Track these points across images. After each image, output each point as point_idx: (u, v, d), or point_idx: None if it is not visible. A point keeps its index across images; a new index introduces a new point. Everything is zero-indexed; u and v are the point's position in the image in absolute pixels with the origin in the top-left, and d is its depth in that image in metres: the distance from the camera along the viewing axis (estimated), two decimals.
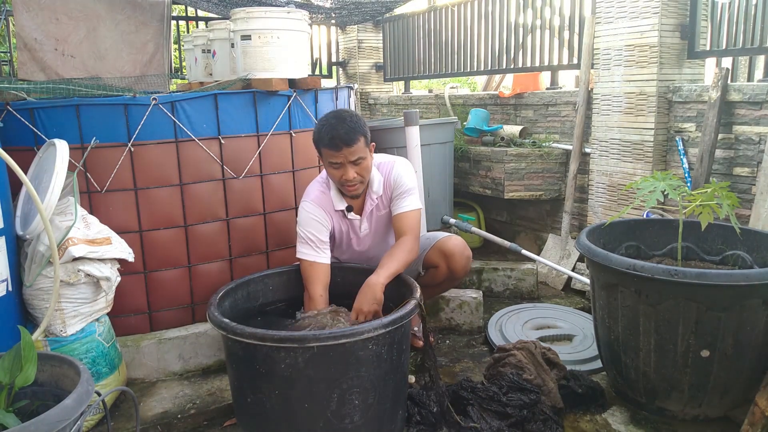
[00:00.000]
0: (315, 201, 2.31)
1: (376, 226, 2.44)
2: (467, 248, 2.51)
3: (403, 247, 2.24)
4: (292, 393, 1.76)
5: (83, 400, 1.38)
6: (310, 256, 2.24)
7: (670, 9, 3.00)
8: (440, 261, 2.48)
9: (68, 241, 2.02)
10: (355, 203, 2.36)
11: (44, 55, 3.57)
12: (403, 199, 2.33)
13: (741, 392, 1.98)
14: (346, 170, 2.18)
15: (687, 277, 1.84)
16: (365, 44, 5.97)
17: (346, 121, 2.16)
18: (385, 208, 2.40)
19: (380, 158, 2.41)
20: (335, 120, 2.16)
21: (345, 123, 2.15)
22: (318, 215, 2.28)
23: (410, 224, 2.31)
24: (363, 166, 2.21)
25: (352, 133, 2.14)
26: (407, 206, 2.32)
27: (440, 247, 2.49)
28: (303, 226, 2.27)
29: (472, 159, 4.03)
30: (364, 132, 2.19)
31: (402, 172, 2.35)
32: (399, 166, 2.37)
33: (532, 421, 1.98)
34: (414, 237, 2.30)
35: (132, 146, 2.38)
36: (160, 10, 3.91)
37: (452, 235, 2.55)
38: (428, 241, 2.55)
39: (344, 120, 2.16)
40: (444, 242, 2.49)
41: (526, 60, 4.27)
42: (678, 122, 3.06)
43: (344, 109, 2.29)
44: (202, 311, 2.58)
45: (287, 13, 2.66)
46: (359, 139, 2.16)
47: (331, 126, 2.15)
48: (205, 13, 5.28)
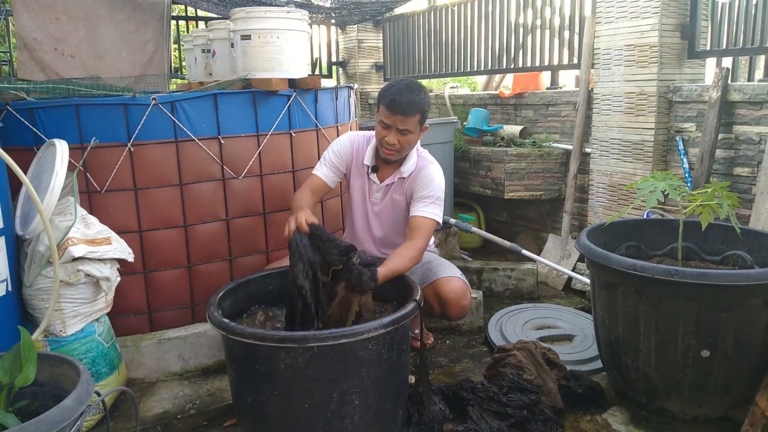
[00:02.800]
0: (351, 139, 2.46)
1: (387, 204, 2.44)
2: (465, 296, 2.36)
3: (410, 252, 2.17)
4: (292, 393, 1.75)
5: (83, 401, 1.38)
6: (317, 170, 2.44)
7: (671, 9, 3.00)
8: (434, 303, 2.38)
9: (68, 241, 2.01)
10: (383, 170, 2.41)
11: (44, 55, 3.57)
12: (426, 204, 2.28)
13: (741, 392, 1.98)
14: (390, 133, 2.24)
15: (687, 277, 1.84)
16: (365, 44, 5.97)
17: (414, 92, 2.21)
18: (401, 196, 2.40)
19: (426, 153, 2.45)
20: (405, 88, 2.22)
21: (411, 93, 2.20)
22: (345, 148, 2.44)
23: (423, 231, 2.25)
24: (407, 138, 2.25)
25: (412, 105, 2.19)
26: (427, 212, 2.27)
27: (437, 290, 2.35)
28: (329, 149, 2.47)
29: (472, 159, 4.03)
30: (423, 110, 2.24)
31: (435, 176, 2.34)
32: (435, 170, 2.36)
33: (533, 421, 1.98)
34: (422, 246, 2.22)
35: (132, 146, 2.38)
36: (160, 10, 3.90)
37: (453, 276, 2.38)
38: (428, 274, 2.41)
39: (412, 90, 2.21)
40: (441, 285, 2.34)
41: (526, 60, 4.27)
42: (678, 122, 3.06)
43: (417, 82, 2.31)
44: (202, 311, 2.58)
45: (287, 13, 2.66)
46: (416, 113, 2.21)
47: (398, 90, 2.21)
48: (205, 13, 5.28)
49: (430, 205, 2.28)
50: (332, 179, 2.45)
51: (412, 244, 2.20)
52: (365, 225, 2.51)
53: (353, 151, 2.45)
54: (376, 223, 2.49)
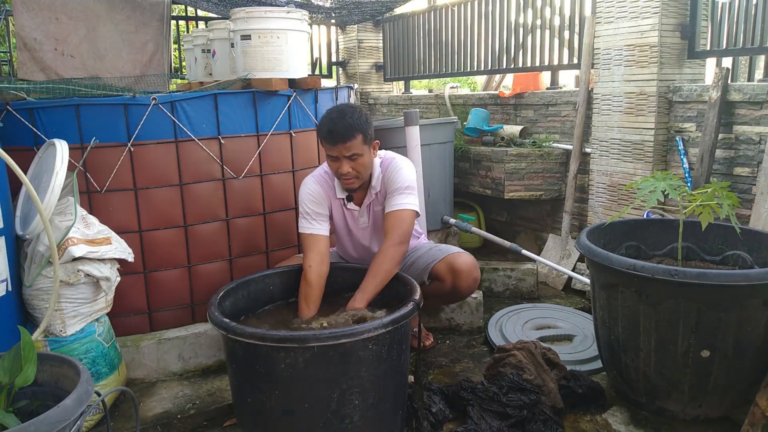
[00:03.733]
0: (316, 180, 2.39)
1: (374, 221, 2.44)
2: (476, 269, 2.45)
3: (383, 260, 2.15)
4: (292, 393, 1.76)
5: (83, 401, 1.38)
6: (306, 228, 2.32)
7: (671, 9, 3.00)
8: (447, 276, 2.42)
9: (68, 241, 2.01)
10: (356, 195, 2.39)
11: (44, 55, 3.57)
12: (395, 197, 2.26)
13: (741, 392, 1.98)
14: (341, 164, 2.20)
15: (687, 277, 1.84)
16: (365, 44, 5.97)
17: (347, 117, 2.16)
18: (380, 206, 2.39)
19: (384, 154, 2.40)
20: (336, 114, 2.18)
21: (345, 119, 2.16)
22: (316, 192, 2.35)
23: (397, 225, 2.23)
24: (359, 162, 2.21)
25: (349, 129, 2.14)
26: (397, 204, 2.25)
27: (450, 262, 2.42)
28: (302, 201, 2.36)
29: (472, 159, 4.03)
30: (364, 129, 2.18)
31: (398, 168, 2.31)
32: (397, 163, 2.33)
33: (533, 421, 1.98)
34: (397, 242, 2.20)
35: (132, 146, 2.38)
36: (160, 10, 3.91)
37: (464, 252, 2.47)
38: (439, 253, 2.48)
39: (345, 115, 2.17)
40: (454, 258, 2.42)
41: (526, 60, 4.27)
42: (678, 122, 3.06)
43: (351, 105, 2.28)
44: (202, 311, 2.58)
45: (287, 13, 2.66)
46: (356, 136, 2.16)
47: (331, 120, 2.18)
48: (205, 13, 5.28)
49: (398, 196, 2.26)
50: (327, 227, 2.37)
51: (385, 251, 2.17)
52: (358, 245, 2.51)
53: (325, 191, 2.37)
54: (370, 238, 2.49)
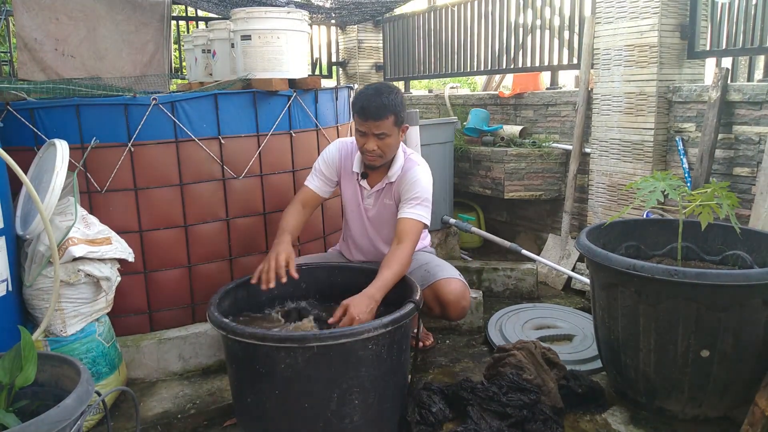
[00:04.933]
0: (339, 146, 2.47)
1: (379, 210, 2.43)
2: (465, 297, 2.35)
3: (399, 258, 2.16)
4: (292, 393, 1.76)
5: (83, 400, 1.38)
6: (307, 181, 2.46)
7: (670, 9, 3.00)
8: (434, 305, 2.36)
9: (68, 241, 2.01)
10: (372, 176, 2.40)
11: (44, 55, 3.57)
12: (413, 206, 2.27)
13: (741, 392, 1.98)
14: (368, 140, 2.22)
15: (687, 277, 1.84)
16: (365, 44, 5.97)
17: (383, 95, 2.18)
18: (391, 200, 2.39)
19: (414, 155, 2.41)
20: (373, 92, 2.20)
21: (380, 97, 2.17)
22: (332, 156, 2.44)
23: (410, 233, 2.23)
24: (386, 142, 2.23)
25: (383, 109, 2.16)
26: (414, 214, 2.25)
27: (436, 292, 2.34)
28: (319, 158, 2.48)
29: (472, 159, 4.03)
30: (397, 111, 2.20)
31: (421, 177, 2.31)
32: (421, 171, 2.33)
33: (532, 421, 1.98)
34: (410, 249, 2.21)
35: (132, 146, 2.38)
36: (160, 10, 3.91)
37: (452, 278, 2.36)
38: (427, 276, 2.39)
39: (381, 94, 2.18)
40: (441, 287, 2.33)
41: (526, 60, 4.27)
42: (678, 122, 3.06)
43: (388, 84, 2.29)
44: (202, 311, 2.58)
45: (287, 13, 2.66)
46: (388, 116, 2.18)
47: (366, 96, 2.20)
48: (205, 13, 5.29)
49: (416, 206, 2.26)
50: (324, 190, 2.46)
51: (400, 249, 2.18)
52: (362, 229, 2.51)
53: (341, 159, 2.44)
54: (372, 227, 2.49)
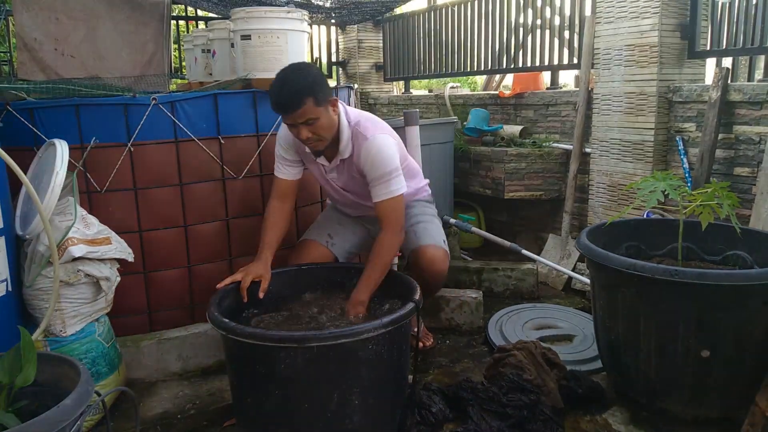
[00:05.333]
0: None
1: (347, 180, 2.31)
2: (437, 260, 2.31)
3: (381, 251, 2.11)
4: (291, 393, 1.75)
5: (83, 401, 1.38)
6: (275, 170, 2.36)
7: (671, 9, 3.00)
8: (415, 269, 2.35)
9: (68, 241, 2.01)
10: (327, 151, 2.24)
11: (44, 55, 3.56)
12: (381, 185, 2.13)
13: (741, 392, 1.98)
14: (299, 130, 2.06)
15: (687, 278, 1.84)
16: (365, 44, 5.97)
17: (290, 83, 1.99)
18: (357, 174, 2.24)
19: (356, 117, 2.19)
20: (280, 82, 2.02)
21: (289, 86, 1.99)
22: (285, 138, 2.29)
23: (389, 214, 2.14)
24: (317, 125, 2.05)
25: (296, 96, 1.98)
26: (386, 194, 2.13)
27: (416, 257, 2.34)
28: (276, 143, 2.35)
29: (472, 159, 4.03)
30: (314, 92, 1.99)
31: (377, 152, 2.12)
32: (375, 145, 2.13)
33: (533, 421, 1.98)
34: (394, 231, 2.13)
35: (132, 146, 2.38)
36: (160, 9, 3.90)
37: (429, 245, 2.33)
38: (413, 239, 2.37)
39: (287, 83, 2.00)
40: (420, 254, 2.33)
41: (526, 60, 4.27)
42: (678, 122, 3.06)
43: (298, 66, 2.09)
44: (201, 311, 2.57)
45: (287, 13, 2.66)
46: (304, 101, 1.98)
47: (276, 89, 2.02)
48: (205, 12, 5.29)
49: (382, 185, 2.13)
50: (295, 173, 2.35)
51: (382, 240, 2.12)
52: (340, 195, 2.43)
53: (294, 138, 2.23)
54: (349, 193, 2.39)
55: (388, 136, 2.22)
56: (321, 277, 2.35)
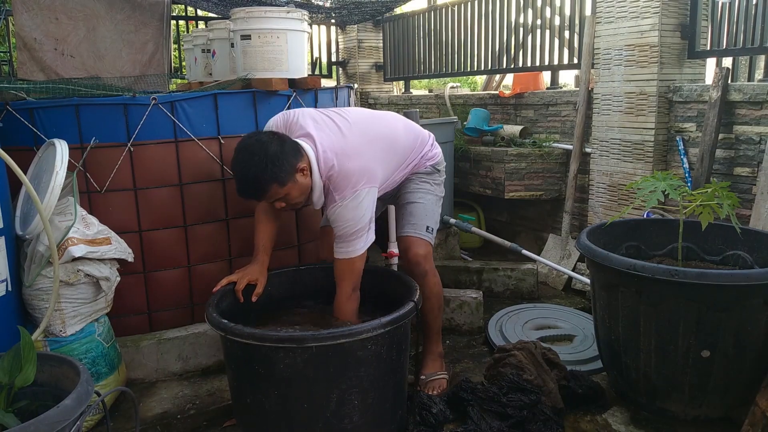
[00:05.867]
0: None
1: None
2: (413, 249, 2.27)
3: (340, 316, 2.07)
4: (291, 393, 1.75)
5: (83, 401, 1.38)
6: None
7: (671, 9, 3.00)
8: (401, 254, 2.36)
9: (68, 241, 2.01)
10: None
11: (44, 55, 3.57)
12: (341, 244, 2.04)
13: (741, 392, 1.98)
14: (275, 204, 2.05)
15: (687, 278, 1.84)
16: (365, 44, 5.97)
17: (248, 176, 1.94)
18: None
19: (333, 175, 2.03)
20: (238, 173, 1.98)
21: (248, 179, 1.95)
22: None
23: (342, 274, 2.06)
24: (289, 198, 2.01)
25: (257, 189, 1.96)
26: (343, 253, 2.03)
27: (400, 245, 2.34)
28: None
29: (472, 159, 4.03)
30: (274, 177, 1.92)
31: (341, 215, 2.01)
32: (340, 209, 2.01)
33: (533, 421, 1.98)
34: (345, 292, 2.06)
35: (132, 146, 2.38)
36: (160, 9, 3.90)
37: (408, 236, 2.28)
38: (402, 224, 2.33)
39: (246, 175, 1.95)
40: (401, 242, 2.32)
41: (526, 60, 4.26)
42: (678, 122, 3.06)
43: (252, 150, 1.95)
44: (201, 311, 2.57)
45: (287, 12, 2.66)
46: (268, 189, 1.95)
47: (236, 178, 2.00)
48: (205, 12, 5.28)
49: (344, 243, 2.03)
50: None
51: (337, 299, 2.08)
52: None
53: None
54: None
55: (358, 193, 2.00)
56: (320, 277, 2.35)
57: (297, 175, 1.98)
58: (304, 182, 2.01)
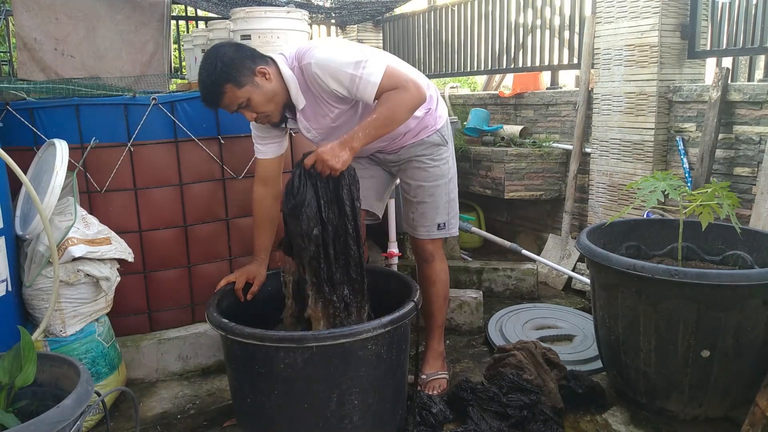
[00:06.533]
0: None
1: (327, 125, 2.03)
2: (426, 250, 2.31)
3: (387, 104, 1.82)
4: (291, 393, 1.75)
5: (83, 401, 1.38)
6: (256, 152, 2.16)
7: (671, 9, 3.00)
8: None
9: (68, 241, 2.01)
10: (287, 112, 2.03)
11: (44, 55, 3.56)
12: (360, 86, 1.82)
13: (741, 392, 1.98)
14: (244, 113, 1.93)
15: (687, 278, 1.84)
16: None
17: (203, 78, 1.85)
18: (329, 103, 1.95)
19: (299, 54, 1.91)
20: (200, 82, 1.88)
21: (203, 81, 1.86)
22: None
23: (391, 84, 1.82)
24: (254, 105, 1.89)
25: (212, 90, 1.86)
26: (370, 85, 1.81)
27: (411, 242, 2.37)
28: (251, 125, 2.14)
29: (472, 159, 4.03)
30: (229, 77, 1.82)
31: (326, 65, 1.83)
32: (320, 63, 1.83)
33: (533, 421, 1.98)
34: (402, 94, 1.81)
35: (132, 146, 2.38)
36: (160, 9, 3.90)
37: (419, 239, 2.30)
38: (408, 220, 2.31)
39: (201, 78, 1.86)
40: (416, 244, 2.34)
41: (526, 60, 4.27)
42: (678, 122, 3.06)
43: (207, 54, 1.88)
44: (201, 311, 2.57)
45: (287, 12, 2.66)
46: (223, 90, 1.84)
47: (200, 90, 1.91)
48: (205, 12, 5.28)
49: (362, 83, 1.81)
50: (273, 150, 2.14)
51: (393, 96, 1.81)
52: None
53: None
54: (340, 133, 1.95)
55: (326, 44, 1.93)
56: None
57: (257, 78, 1.87)
58: (268, 86, 1.88)
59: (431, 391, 2.26)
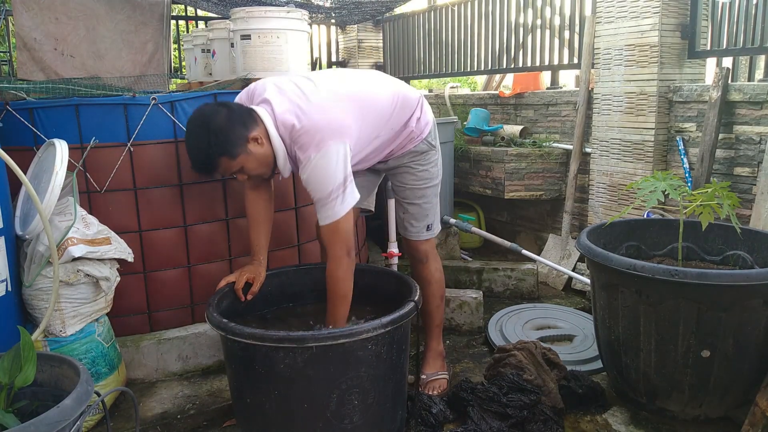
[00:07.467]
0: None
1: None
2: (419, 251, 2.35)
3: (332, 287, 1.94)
4: (291, 393, 1.75)
5: (82, 401, 1.37)
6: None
7: (671, 9, 3.00)
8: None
9: (68, 241, 2.01)
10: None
11: (44, 55, 3.57)
12: (321, 210, 1.89)
13: (741, 392, 1.98)
14: (237, 177, 1.99)
15: (688, 278, 1.84)
16: (365, 44, 5.97)
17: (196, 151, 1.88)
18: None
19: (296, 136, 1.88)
20: (187, 148, 1.91)
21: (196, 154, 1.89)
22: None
23: (330, 239, 1.91)
24: (247, 170, 1.93)
25: (207, 164, 1.89)
26: (325, 218, 1.88)
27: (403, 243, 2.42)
28: None
29: (472, 159, 4.03)
30: (222, 150, 1.84)
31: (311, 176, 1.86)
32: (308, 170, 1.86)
33: (533, 421, 1.98)
34: (337, 258, 1.91)
35: (131, 146, 2.38)
36: (160, 9, 3.91)
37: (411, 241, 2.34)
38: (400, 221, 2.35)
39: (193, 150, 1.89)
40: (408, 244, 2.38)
41: (526, 60, 4.27)
42: (678, 122, 3.06)
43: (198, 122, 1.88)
44: (201, 311, 2.57)
45: (287, 12, 2.66)
46: (218, 164, 1.88)
47: (188, 153, 1.92)
48: (205, 12, 5.28)
49: (323, 208, 1.87)
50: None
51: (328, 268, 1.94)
52: None
53: None
54: None
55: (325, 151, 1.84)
56: (320, 277, 2.35)
57: (249, 145, 1.87)
58: (260, 151, 1.90)
59: (431, 392, 2.26)
